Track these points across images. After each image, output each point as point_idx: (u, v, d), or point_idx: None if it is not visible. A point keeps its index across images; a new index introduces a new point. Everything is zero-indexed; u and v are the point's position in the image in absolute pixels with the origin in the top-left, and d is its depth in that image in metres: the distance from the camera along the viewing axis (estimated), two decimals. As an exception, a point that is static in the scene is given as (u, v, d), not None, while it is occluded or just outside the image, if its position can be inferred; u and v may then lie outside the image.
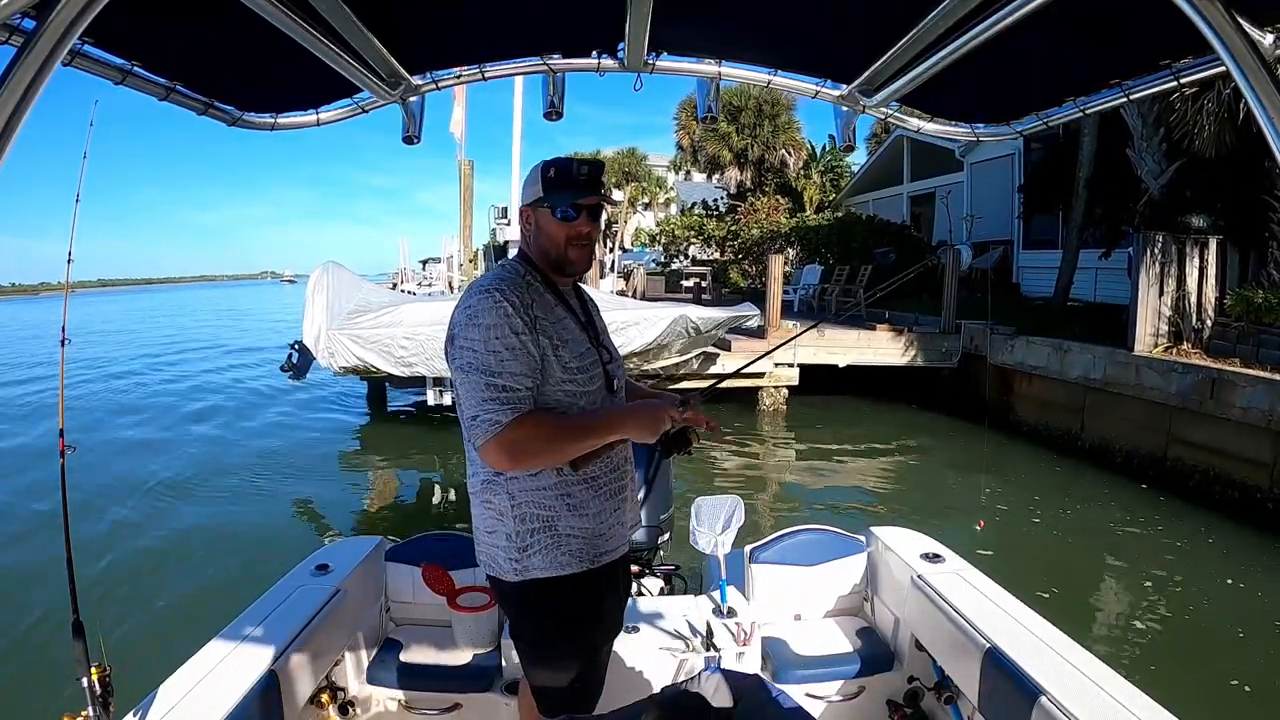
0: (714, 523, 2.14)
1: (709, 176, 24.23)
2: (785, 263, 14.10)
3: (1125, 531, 5.62)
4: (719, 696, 1.16)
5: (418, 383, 7.97)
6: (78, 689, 1.41)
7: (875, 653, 2.20)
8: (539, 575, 1.43)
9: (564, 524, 1.43)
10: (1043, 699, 1.51)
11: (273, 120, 1.76)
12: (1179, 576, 4.82)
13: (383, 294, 9.22)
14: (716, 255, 19.59)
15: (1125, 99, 1.50)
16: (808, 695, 2.09)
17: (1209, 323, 7.00)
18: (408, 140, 1.86)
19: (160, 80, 1.44)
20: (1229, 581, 4.70)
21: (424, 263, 28.64)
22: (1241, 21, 0.90)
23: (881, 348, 9.52)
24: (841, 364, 9.48)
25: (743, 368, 6.07)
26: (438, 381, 7.62)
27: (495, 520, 1.44)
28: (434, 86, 1.79)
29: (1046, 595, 4.29)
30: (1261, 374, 5.82)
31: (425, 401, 8.01)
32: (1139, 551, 5.26)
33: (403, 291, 18.19)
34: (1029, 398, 8.38)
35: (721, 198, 23.68)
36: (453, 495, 6.65)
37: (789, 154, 21.46)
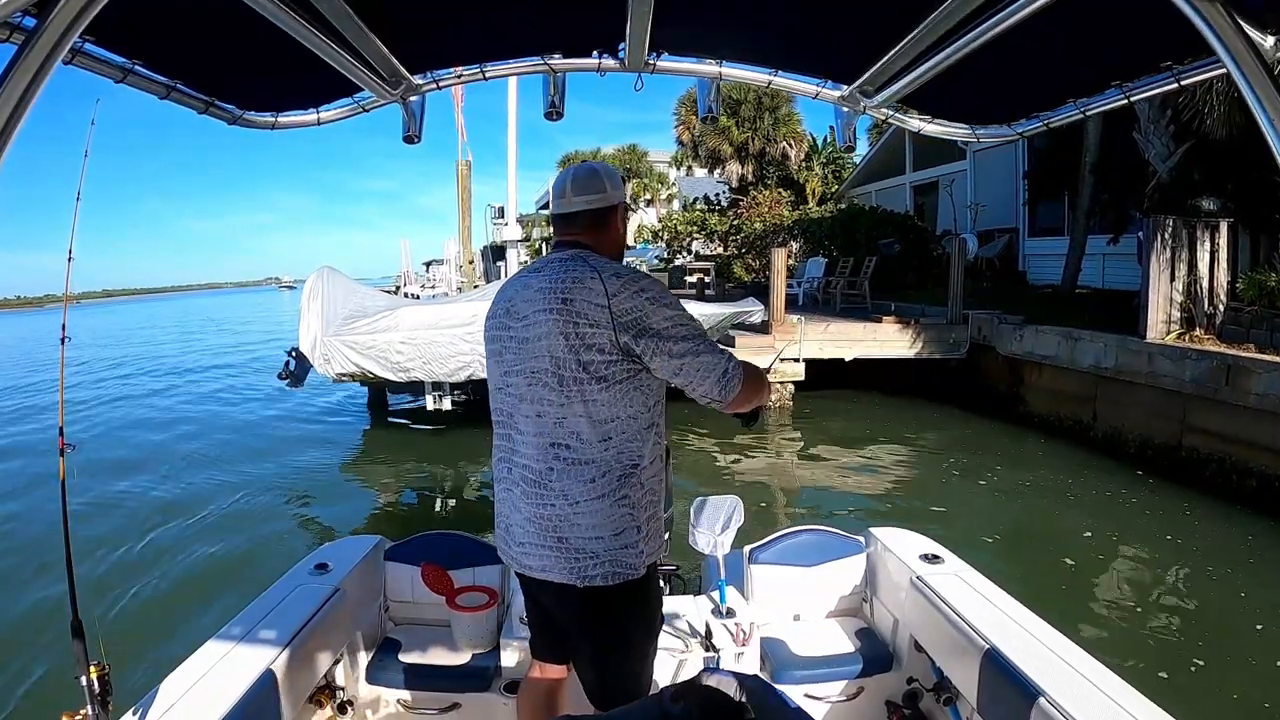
0: (713, 523, 2.12)
1: (710, 171, 24.17)
2: (789, 256, 14.04)
3: (1140, 523, 5.54)
4: (718, 697, 1.14)
5: (416, 388, 7.93)
6: (77, 687, 1.42)
7: (874, 653, 2.19)
8: (652, 560, 1.52)
9: (659, 508, 1.55)
10: (1041, 700, 1.50)
11: (273, 119, 1.76)
12: (1195, 568, 4.75)
13: (379, 298, 9.18)
14: (719, 250, 19.54)
15: (1125, 100, 1.50)
16: (806, 696, 2.08)
17: (1221, 308, 6.89)
18: (408, 140, 1.86)
19: (161, 78, 1.44)
20: (1248, 572, 4.63)
21: (427, 265, 28.72)
22: (1242, 24, 0.89)
23: (888, 340, 9.46)
24: (848, 358, 9.42)
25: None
26: (436, 386, 7.59)
27: (628, 516, 1.44)
28: (434, 86, 1.79)
29: (1056, 590, 4.24)
30: (1277, 359, 5.72)
31: (425, 406, 7.99)
32: (1154, 543, 5.18)
33: (405, 295, 18.17)
34: (1039, 388, 8.29)
35: (723, 192, 23.60)
36: (452, 497, 6.64)
37: (790, 146, 21.37)
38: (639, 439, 1.44)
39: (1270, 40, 1.07)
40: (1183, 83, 1.37)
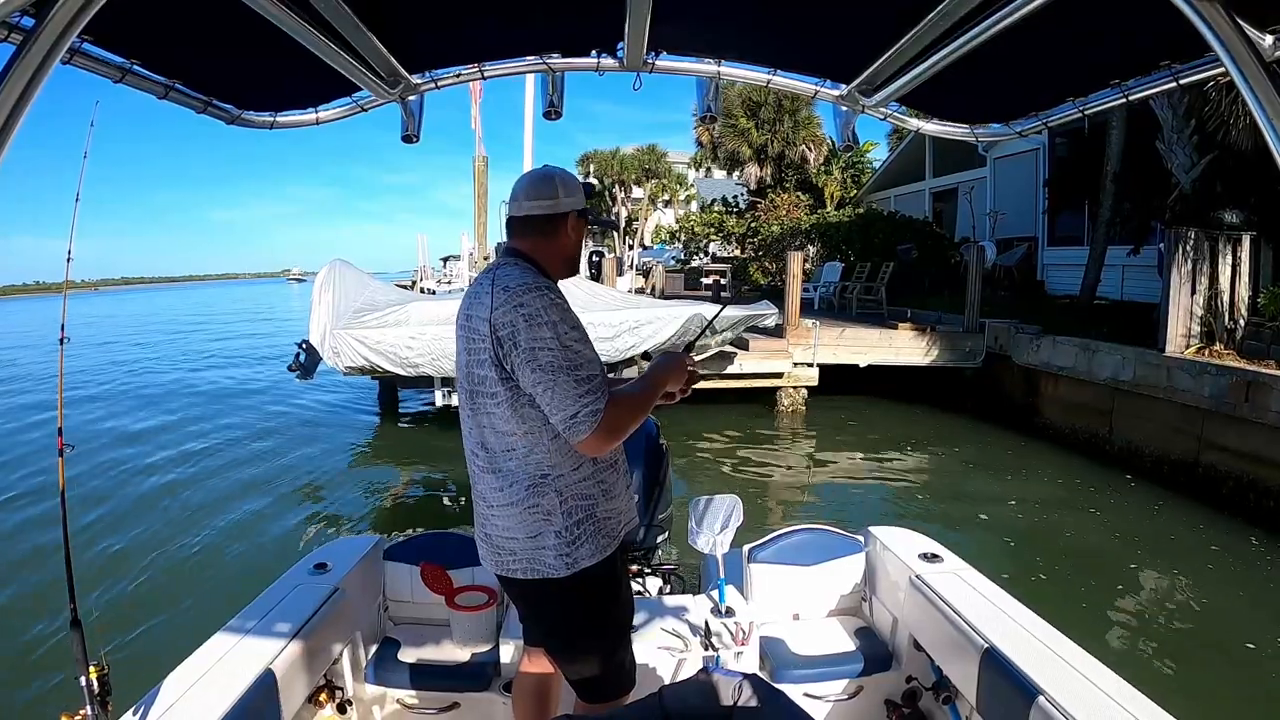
0: (712, 522, 2.13)
1: (729, 173, 24.09)
2: (805, 260, 13.96)
3: (1154, 540, 5.45)
4: (718, 696, 1.15)
5: (426, 383, 7.94)
6: (76, 687, 1.42)
7: (873, 652, 2.19)
8: (588, 564, 1.47)
9: (600, 509, 1.49)
10: (1040, 699, 1.50)
11: (271, 119, 1.78)
12: (1209, 588, 4.65)
13: (390, 292, 9.17)
14: (736, 252, 19.48)
15: (1124, 99, 1.49)
16: (806, 695, 2.08)
17: (1242, 323, 6.76)
18: (406, 139, 1.88)
19: (159, 78, 1.46)
20: (1263, 594, 4.53)
21: (445, 260, 28.87)
22: (1241, 23, 0.90)
23: (904, 347, 9.37)
24: (863, 364, 9.35)
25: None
26: (445, 382, 7.59)
27: (542, 522, 1.44)
28: (433, 86, 1.81)
29: (1059, 596, 4.18)
30: (1298, 375, 5.62)
31: (434, 403, 8.00)
32: (1168, 561, 5.10)
33: (422, 290, 18.27)
34: (1055, 399, 8.18)
35: (742, 194, 23.53)
36: (456, 495, 6.61)
37: (809, 150, 21.23)
38: (545, 450, 1.42)
39: (1269, 39, 1.07)
40: (1181, 82, 1.36)
